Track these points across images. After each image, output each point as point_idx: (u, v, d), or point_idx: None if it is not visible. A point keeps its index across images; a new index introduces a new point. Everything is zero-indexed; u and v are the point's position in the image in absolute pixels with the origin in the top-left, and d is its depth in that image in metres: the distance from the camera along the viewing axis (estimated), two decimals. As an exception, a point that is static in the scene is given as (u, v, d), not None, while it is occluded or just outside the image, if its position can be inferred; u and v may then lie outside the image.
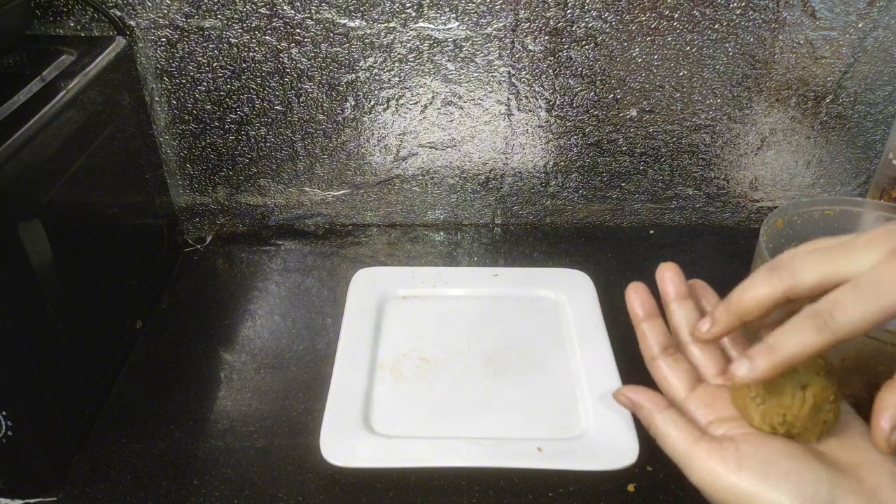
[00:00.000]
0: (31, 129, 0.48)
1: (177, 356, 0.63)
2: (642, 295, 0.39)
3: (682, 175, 0.78)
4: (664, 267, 0.39)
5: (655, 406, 0.35)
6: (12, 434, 0.48)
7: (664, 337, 0.38)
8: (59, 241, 0.51)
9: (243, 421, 0.57)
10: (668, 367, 0.37)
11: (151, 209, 0.71)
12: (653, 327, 0.38)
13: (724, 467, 0.31)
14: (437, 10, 0.66)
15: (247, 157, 0.75)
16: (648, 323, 0.38)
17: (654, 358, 0.38)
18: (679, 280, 0.39)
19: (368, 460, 0.51)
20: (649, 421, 0.35)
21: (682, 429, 0.34)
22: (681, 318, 0.38)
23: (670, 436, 0.34)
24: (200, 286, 0.72)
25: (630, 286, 0.39)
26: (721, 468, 0.31)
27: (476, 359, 0.61)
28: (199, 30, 0.67)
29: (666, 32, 0.68)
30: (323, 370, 0.60)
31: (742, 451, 0.32)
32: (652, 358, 0.38)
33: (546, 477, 0.51)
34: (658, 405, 0.35)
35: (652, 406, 0.35)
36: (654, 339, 0.38)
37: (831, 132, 0.75)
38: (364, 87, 0.71)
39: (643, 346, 0.39)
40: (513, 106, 0.73)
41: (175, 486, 0.51)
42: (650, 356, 0.38)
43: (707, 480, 0.32)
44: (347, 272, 0.71)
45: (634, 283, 0.39)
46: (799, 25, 0.68)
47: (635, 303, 0.39)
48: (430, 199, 0.79)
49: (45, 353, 0.49)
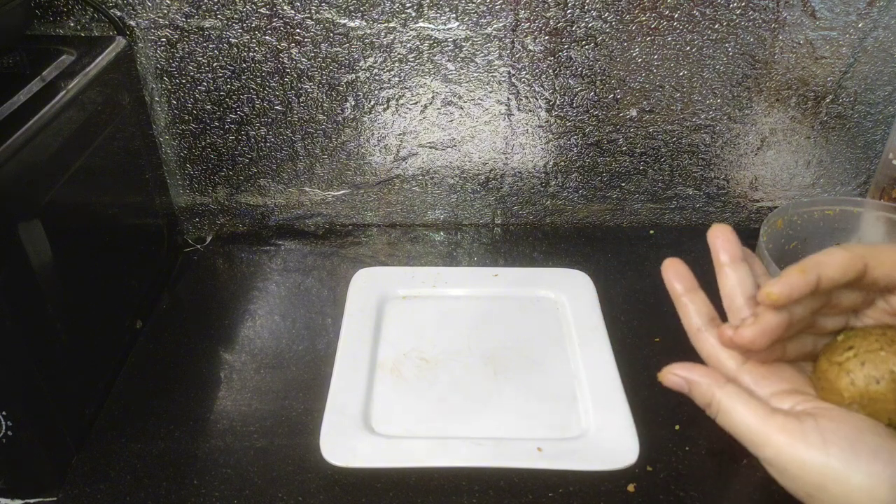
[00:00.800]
0: (31, 129, 0.48)
1: (177, 356, 0.63)
2: (680, 269, 0.36)
3: (682, 175, 0.78)
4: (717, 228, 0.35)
5: (715, 381, 0.32)
6: (12, 434, 0.48)
7: (708, 308, 0.35)
8: (59, 241, 0.51)
9: (243, 421, 0.57)
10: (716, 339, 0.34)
11: (151, 209, 0.71)
12: (694, 300, 0.35)
13: (807, 444, 0.29)
14: (437, 10, 0.66)
15: (247, 157, 0.75)
16: (689, 296, 0.35)
17: (699, 330, 0.35)
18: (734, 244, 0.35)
19: (368, 460, 0.51)
20: (709, 398, 0.32)
21: (749, 404, 0.31)
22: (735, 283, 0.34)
23: (737, 412, 0.31)
24: (200, 286, 0.72)
25: (665, 262, 0.37)
26: (803, 445, 0.29)
27: (476, 359, 0.61)
28: (199, 30, 0.67)
29: (666, 32, 0.68)
30: (323, 370, 0.60)
31: (824, 427, 0.29)
32: (697, 330, 0.35)
33: (546, 477, 0.51)
34: (717, 380, 0.32)
35: (711, 381, 0.32)
36: (696, 312, 0.35)
37: (831, 132, 0.75)
38: (364, 87, 0.71)
39: (685, 320, 0.35)
40: (513, 106, 0.73)
41: (175, 486, 0.51)
42: (695, 329, 0.35)
43: (787, 458, 0.29)
44: (347, 272, 0.71)
45: (669, 258, 0.37)
46: (799, 25, 0.68)
47: (673, 278, 0.36)
48: (430, 199, 0.79)
49: (45, 353, 0.49)
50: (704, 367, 0.34)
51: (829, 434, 0.29)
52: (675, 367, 0.34)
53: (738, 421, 0.31)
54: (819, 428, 0.30)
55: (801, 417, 0.30)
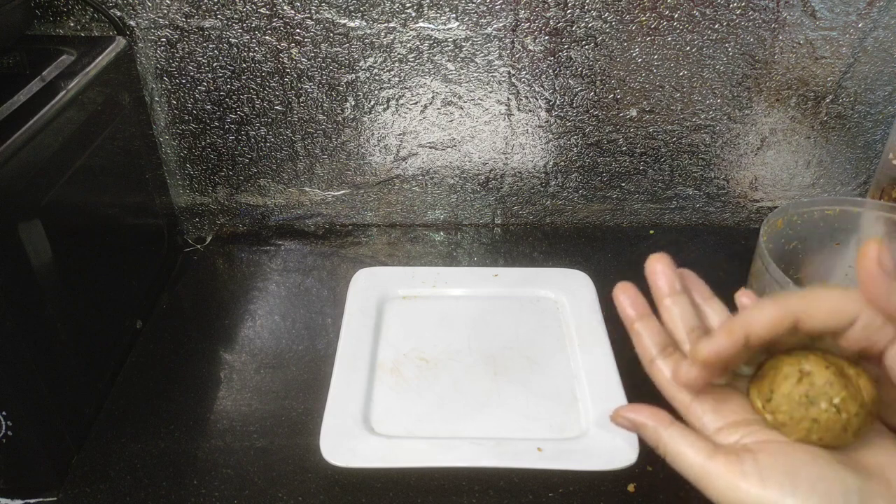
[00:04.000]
0: (31, 129, 0.48)
1: (177, 356, 0.63)
2: (631, 294, 0.36)
3: (682, 175, 0.78)
4: (654, 259, 0.36)
5: (660, 423, 0.33)
6: (12, 434, 0.48)
7: (661, 336, 0.35)
8: (59, 241, 0.51)
9: (243, 421, 0.57)
10: (669, 370, 0.34)
11: (151, 209, 0.71)
12: (647, 327, 0.36)
13: (747, 482, 0.29)
14: (437, 10, 0.66)
15: (247, 157, 0.75)
16: (642, 323, 0.36)
17: (653, 360, 0.35)
18: (671, 273, 0.36)
19: (368, 460, 0.51)
20: (656, 440, 0.33)
21: (693, 444, 0.32)
22: (676, 316, 0.35)
23: (682, 453, 0.32)
24: (200, 286, 0.72)
25: (617, 286, 0.37)
26: (743, 484, 0.29)
27: (476, 359, 0.61)
28: (199, 30, 0.67)
29: (666, 32, 0.68)
30: (323, 370, 0.60)
31: (763, 463, 0.30)
32: (651, 360, 0.35)
33: (546, 477, 0.51)
34: (662, 421, 0.33)
35: (656, 423, 0.33)
36: (650, 340, 0.35)
37: (831, 132, 0.75)
38: (364, 87, 0.71)
39: (639, 349, 0.36)
40: (513, 106, 0.73)
41: (175, 486, 0.51)
42: (648, 359, 0.35)
43: (730, 497, 0.30)
44: (347, 272, 0.71)
45: (622, 283, 0.37)
46: (799, 25, 0.68)
47: (625, 303, 0.36)
48: (430, 199, 0.79)
49: (45, 353, 0.49)
50: (650, 409, 0.34)
51: (767, 470, 0.29)
52: (624, 410, 0.35)
53: (683, 463, 0.32)
54: (758, 464, 0.30)
55: (741, 454, 0.30)
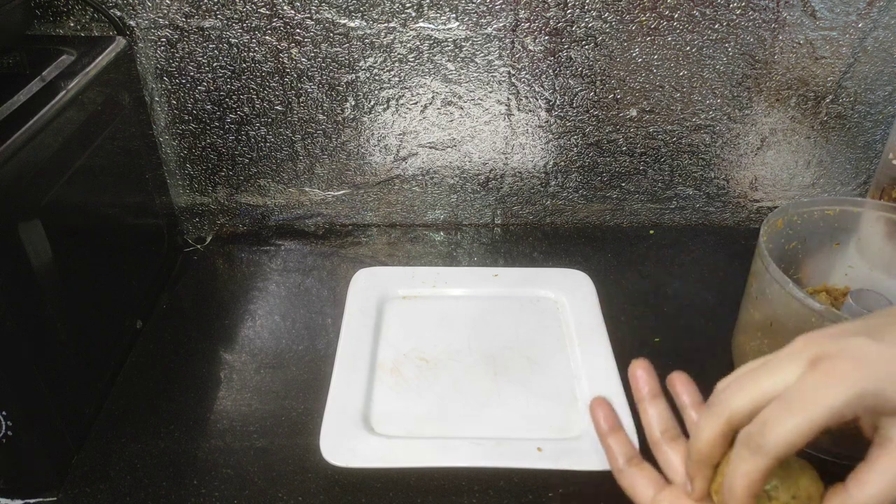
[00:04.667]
0: (31, 129, 0.48)
1: (177, 356, 0.63)
2: (607, 409, 0.41)
3: (682, 175, 0.78)
4: (636, 364, 0.41)
5: None
6: (12, 434, 0.48)
7: (628, 447, 0.40)
8: (59, 241, 0.51)
9: (243, 421, 0.57)
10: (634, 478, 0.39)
11: (151, 209, 0.71)
12: (617, 440, 0.40)
13: None
14: (437, 10, 0.66)
15: (247, 157, 0.75)
16: (613, 436, 0.40)
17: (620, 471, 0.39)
18: (651, 378, 0.40)
19: (368, 460, 0.51)
20: None
21: None
22: (652, 417, 0.40)
23: None
24: (200, 286, 0.72)
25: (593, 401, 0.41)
26: None
27: (476, 359, 0.61)
28: (199, 30, 0.67)
29: (666, 32, 0.68)
30: (323, 370, 0.60)
31: None
32: (619, 470, 0.39)
33: (546, 477, 0.51)
34: None
35: None
36: (619, 452, 0.40)
37: (831, 132, 0.75)
38: (364, 87, 0.71)
39: (610, 461, 0.40)
40: (513, 106, 0.73)
41: (175, 486, 0.51)
42: (617, 469, 0.39)
43: None
44: (347, 272, 0.71)
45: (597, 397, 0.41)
46: (799, 25, 0.68)
47: (599, 416, 0.41)
48: (430, 199, 0.79)
49: (45, 353, 0.49)
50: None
51: None
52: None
53: None
54: None
55: None
